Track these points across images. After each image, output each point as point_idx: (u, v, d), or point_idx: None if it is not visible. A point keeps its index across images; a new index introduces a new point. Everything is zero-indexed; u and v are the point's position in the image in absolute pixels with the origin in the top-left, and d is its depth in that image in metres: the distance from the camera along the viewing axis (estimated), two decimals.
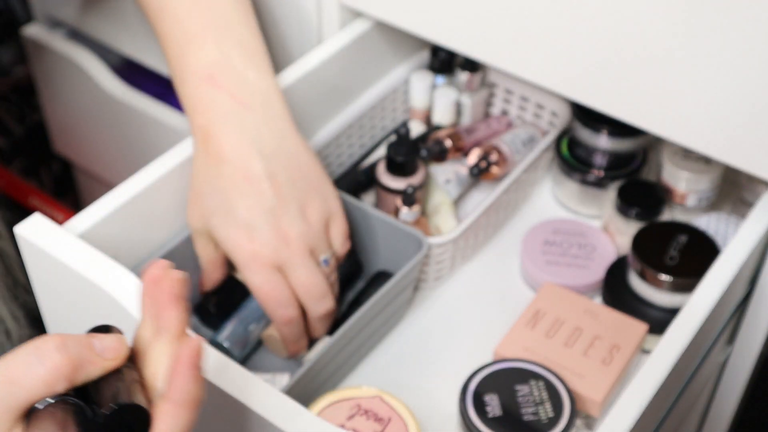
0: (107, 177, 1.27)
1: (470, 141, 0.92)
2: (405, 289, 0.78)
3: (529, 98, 0.95)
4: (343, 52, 0.87)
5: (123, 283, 0.65)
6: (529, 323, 0.77)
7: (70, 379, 0.46)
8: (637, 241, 0.79)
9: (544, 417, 0.68)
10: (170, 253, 0.76)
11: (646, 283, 0.78)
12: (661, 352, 0.64)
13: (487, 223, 0.86)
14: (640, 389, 0.62)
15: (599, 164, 0.89)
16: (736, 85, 0.68)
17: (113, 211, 0.71)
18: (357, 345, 0.75)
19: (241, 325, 0.77)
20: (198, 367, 0.48)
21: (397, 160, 0.84)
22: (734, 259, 0.71)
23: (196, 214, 0.73)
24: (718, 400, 0.88)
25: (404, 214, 0.81)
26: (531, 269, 0.83)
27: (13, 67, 1.42)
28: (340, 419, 0.68)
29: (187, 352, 0.47)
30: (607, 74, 0.74)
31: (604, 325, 0.76)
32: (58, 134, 1.31)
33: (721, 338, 0.79)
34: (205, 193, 0.72)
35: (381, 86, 0.93)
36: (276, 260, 0.71)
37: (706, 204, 0.87)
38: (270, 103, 0.73)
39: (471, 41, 0.81)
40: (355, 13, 0.90)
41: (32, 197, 1.43)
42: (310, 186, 0.73)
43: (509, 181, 0.85)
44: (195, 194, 0.73)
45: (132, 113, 1.15)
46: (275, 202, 0.70)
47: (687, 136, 0.73)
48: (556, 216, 0.91)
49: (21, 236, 0.68)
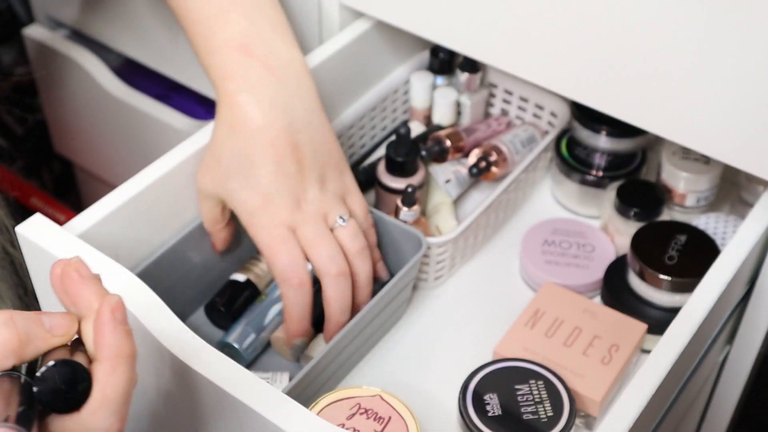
0: (108, 177, 1.27)
1: (470, 141, 0.92)
2: (404, 289, 0.78)
3: (528, 98, 0.95)
4: (343, 53, 0.87)
5: (123, 283, 0.65)
6: (528, 323, 0.77)
7: (18, 355, 0.46)
8: (636, 241, 0.79)
9: (543, 416, 0.68)
10: (170, 252, 0.76)
11: (645, 283, 0.78)
12: (660, 352, 0.64)
13: (486, 223, 0.86)
14: (639, 389, 0.62)
15: (598, 164, 0.89)
16: (735, 84, 0.68)
17: (113, 211, 0.72)
18: (357, 345, 0.75)
19: (250, 326, 0.77)
20: (121, 321, 0.48)
21: (397, 160, 0.84)
22: (733, 259, 0.71)
23: (208, 178, 0.73)
24: (717, 399, 0.89)
25: (404, 214, 0.82)
26: (530, 269, 0.84)
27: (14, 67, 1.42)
28: (340, 418, 0.68)
29: (106, 308, 0.48)
30: (607, 74, 0.74)
31: (604, 324, 0.76)
32: (59, 134, 1.31)
33: (721, 337, 0.79)
34: (226, 157, 0.72)
35: (381, 86, 0.93)
36: (291, 223, 0.71)
37: (705, 204, 0.87)
38: (300, 77, 0.74)
39: (471, 41, 0.81)
40: (355, 14, 0.91)
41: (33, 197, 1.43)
42: (331, 161, 0.74)
43: (509, 181, 0.85)
44: (213, 159, 0.73)
45: (132, 113, 1.15)
46: (296, 170, 0.71)
47: (687, 135, 0.73)
48: (556, 216, 0.91)
49: (22, 236, 0.68)
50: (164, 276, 0.75)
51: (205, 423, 0.65)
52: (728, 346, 0.85)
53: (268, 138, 0.71)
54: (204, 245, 0.79)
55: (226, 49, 0.72)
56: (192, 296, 0.81)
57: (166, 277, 0.76)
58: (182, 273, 0.78)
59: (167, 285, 0.74)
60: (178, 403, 0.66)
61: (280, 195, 0.71)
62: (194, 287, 0.81)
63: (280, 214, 0.71)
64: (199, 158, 0.77)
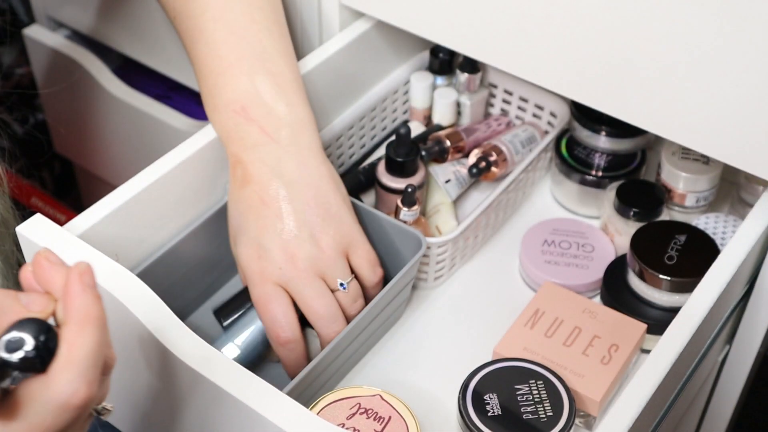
0: (108, 177, 1.27)
1: (470, 141, 0.92)
2: (404, 289, 0.78)
3: (528, 98, 0.95)
4: (343, 53, 0.87)
5: (123, 283, 0.65)
6: (528, 323, 0.77)
7: None
8: (636, 241, 0.79)
9: (543, 416, 0.68)
10: (170, 253, 0.76)
11: (644, 283, 0.78)
12: (659, 352, 0.64)
13: (486, 223, 0.86)
14: (638, 388, 0.62)
15: (598, 164, 0.89)
16: (735, 84, 0.68)
17: (113, 211, 0.72)
18: (357, 345, 0.75)
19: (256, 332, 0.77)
20: (90, 285, 0.48)
21: (397, 160, 0.84)
22: (733, 259, 0.71)
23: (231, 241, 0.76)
24: (716, 399, 0.89)
25: (404, 214, 0.82)
26: (530, 269, 0.84)
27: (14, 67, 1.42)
28: (340, 418, 0.68)
29: (74, 273, 0.48)
30: (606, 74, 0.74)
31: (603, 324, 0.76)
32: (59, 134, 1.31)
33: (720, 337, 0.79)
34: (233, 218, 0.75)
35: (381, 87, 0.93)
36: (281, 278, 0.71)
37: (705, 204, 0.87)
38: (296, 135, 0.75)
39: (471, 41, 0.81)
40: (355, 14, 0.91)
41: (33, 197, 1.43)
42: (328, 214, 0.73)
43: (509, 181, 0.86)
44: (228, 220, 0.76)
45: (133, 113, 1.15)
46: (286, 225, 0.72)
47: (687, 135, 0.73)
48: (556, 216, 0.91)
49: (22, 236, 0.68)
50: (165, 276, 0.75)
51: (205, 423, 0.65)
52: (728, 346, 0.85)
53: (258, 193, 0.72)
54: (205, 246, 0.79)
55: (228, 111, 0.75)
56: (193, 297, 0.81)
57: (167, 277, 0.76)
58: (183, 273, 0.78)
59: (168, 285, 0.74)
60: (178, 403, 0.66)
61: (271, 250, 0.71)
62: (195, 288, 0.81)
63: (271, 269, 0.71)
64: (199, 158, 0.77)
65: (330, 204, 0.74)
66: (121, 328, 0.64)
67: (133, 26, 1.11)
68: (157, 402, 0.69)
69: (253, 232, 0.72)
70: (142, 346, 0.64)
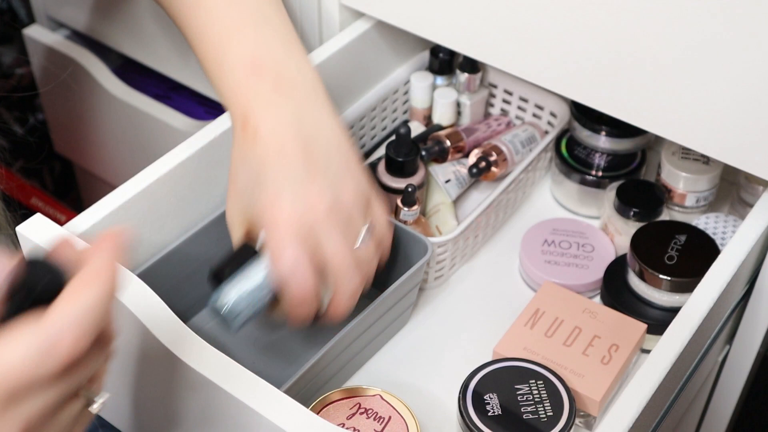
0: (108, 177, 1.27)
1: (470, 141, 0.92)
2: (408, 294, 0.78)
3: (528, 98, 0.95)
4: (343, 53, 0.88)
5: (123, 282, 0.65)
6: (528, 322, 0.77)
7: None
8: (636, 241, 0.79)
9: (543, 416, 0.68)
10: (170, 253, 0.76)
11: (645, 283, 0.78)
12: (659, 352, 0.64)
13: (486, 223, 0.86)
14: (639, 388, 0.62)
15: (598, 164, 0.89)
16: (735, 84, 0.68)
17: (113, 211, 0.72)
18: (357, 348, 0.75)
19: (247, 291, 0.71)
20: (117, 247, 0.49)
21: (397, 160, 0.84)
22: (733, 259, 0.71)
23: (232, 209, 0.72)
24: (717, 399, 0.89)
25: (404, 214, 0.82)
26: (530, 269, 0.84)
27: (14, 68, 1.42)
28: (341, 418, 0.68)
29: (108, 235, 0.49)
30: (606, 74, 0.74)
31: (603, 324, 0.76)
32: (59, 134, 1.31)
33: (720, 337, 0.79)
34: (240, 177, 0.71)
35: (381, 86, 0.93)
36: (300, 227, 0.68)
37: (705, 204, 0.87)
38: (309, 92, 0.73)
39: (471, 41, 0.81)
40: (355, 14, 0.91)
41: (34, 197, 1.43)
42: (348, 167, 0.72)
43: (509, 181, 0.86)
44: (232, 184, 0.72)
45: (132, 113, 1.15)
46: (306, 175, 0.69)
47: (687, 135, 0.73)
48: (556, 216, 0.91)
49: (22, 236, 0.68)
50: (167, 277, 0.75)
51: (205, 422, 0.65)
52: (728, 346, 0.85)
53: (274, 148, 0.70)
54: (208, 247, 0.79)
55: (237, 69, 0.72)
56: (195, 298, 0.81)
57: (170, 278, 0.75)
58: (186, 274, 0.78)
59: (170, 286, 0.74)
60: (178, 403, 0.66)
61: (289, 197, 0.69)
62: (198, 289, 0.81)
63: (290, 219, 0.68)
64: (199, 158, 0.77)
65: (350, 160, 0.72)
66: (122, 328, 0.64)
67: (133, 26, 1.11)
68: (157, 402, 0.69)
69: (271, 184, 0.69)
70: (142, 347, 0.65)
